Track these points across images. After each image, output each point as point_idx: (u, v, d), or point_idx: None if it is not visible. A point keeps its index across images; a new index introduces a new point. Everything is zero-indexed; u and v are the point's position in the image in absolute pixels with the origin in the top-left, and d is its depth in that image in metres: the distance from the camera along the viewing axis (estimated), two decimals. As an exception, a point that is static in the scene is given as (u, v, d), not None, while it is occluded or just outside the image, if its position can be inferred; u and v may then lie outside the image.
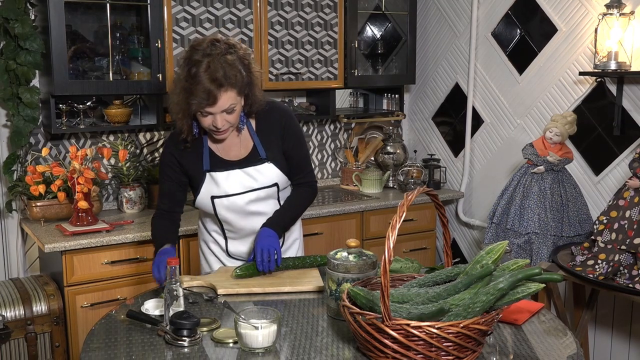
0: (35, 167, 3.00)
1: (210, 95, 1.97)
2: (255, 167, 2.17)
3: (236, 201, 2.18)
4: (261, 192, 2.19)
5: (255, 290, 2.05)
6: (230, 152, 2.19)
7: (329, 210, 3.43)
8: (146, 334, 1.75)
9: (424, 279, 1.70)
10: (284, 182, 2.22)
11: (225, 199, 2.17)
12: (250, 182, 2.17)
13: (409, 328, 1.44)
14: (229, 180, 2.16)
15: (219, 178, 2.16)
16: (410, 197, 1.49)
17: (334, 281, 1.80)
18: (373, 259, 1.81)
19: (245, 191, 2.17)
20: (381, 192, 3.81)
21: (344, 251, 1.83)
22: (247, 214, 2.21)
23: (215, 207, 2.19)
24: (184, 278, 2.12)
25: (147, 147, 3.53)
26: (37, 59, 2.99)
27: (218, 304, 1.96)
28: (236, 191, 2.17)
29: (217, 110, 2.02)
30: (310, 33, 3.55)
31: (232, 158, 2.18)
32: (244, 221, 2.22)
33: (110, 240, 2.91)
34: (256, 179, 2.17)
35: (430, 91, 4.10)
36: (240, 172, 2.16)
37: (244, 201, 2.18)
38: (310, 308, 1.93)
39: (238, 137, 2.18)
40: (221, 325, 1.80)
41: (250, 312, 1.66)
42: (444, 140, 4.06)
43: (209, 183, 2.17)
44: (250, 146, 2.19)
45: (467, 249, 3.98)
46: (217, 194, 2.17)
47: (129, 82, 3.18)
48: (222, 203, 2.18)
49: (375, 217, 3.58)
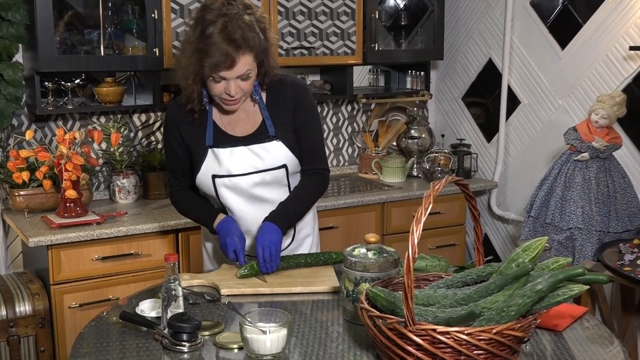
0: (18, 152, 3.02)
1: (228, 58, 1.99)
2: (262, 145, 2.18)
3: (239, 182, 2.18)
4: (267, 175, 2.19)
5: (263, 290, 2.05)
6: (237, 127, 2.20)
7: (345, 201, 3.43)
8: (141, 338, 1.75)
9: (452, 279, 1.70)
10: (294, 165, 2.22)
11: (227, 179, 2.18)
12: (256, 162, 2.18)
13: (435, 334, 1.44)
14: (233, 158, 2.17)
15: (222, 155, 2.17)
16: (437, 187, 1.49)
17: (351, 281, 1.81)
18: (395, 257, 1.81)
19: (250, 172, 2.18)
20: (404, 182, 3.81)
21: (362, 247, 1.83)
22: (252, 199, 2.21)
23: (217, 187, 2.20)
24: (184, 276, 2.13)
25: (142, 130, 3.55)
26: (20, 32, 3.00)
27: (221, 305, 1.97)
28: (240, 171, 2.18)
29: (232, 76, 2.04)
30: (325, 2, 3.54)
31: (238, 134, 2.19)
32: (248, 207, 2.22)
33: (101, 234, 2.92)
34: (262, 158, 2.18)
35: (460, 68, 4.09)
36: (245, 149, 2.18)
37: (248, 183, 2.18)
38: (324, 311, 1.93)
39: (246, 111, 2.19)
40: (225, 328, 1.80)
41: (257, 315, 1.67)
42: (475, 124, 4.05)
43: (210, 160, 2.18)
44: (259, 122, 2.20)
45: (501, 245, 3.98)
46: (218, 173, 2.18)
47: (122, 58, 3.18)
48: (223, 183, 2.19)
49: (398, 210, 3.57)
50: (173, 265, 1.74)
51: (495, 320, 1.49)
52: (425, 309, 1.56)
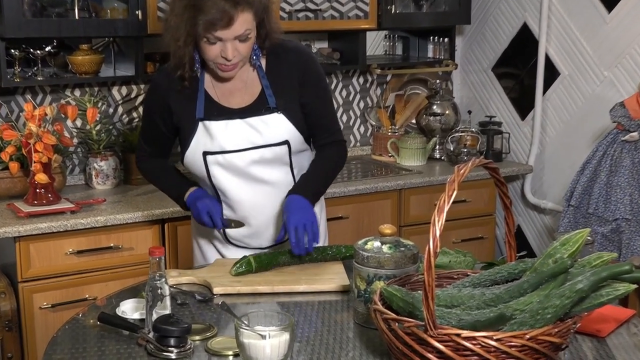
0: (-19, 130, 3.03)
1: (225, 15, 2.01)
2: (261, 118, 2.19)
3: (234, 160, 2.19)
4: (267, 152, 2.20)
5: (262, 289, 2.06)
6: (232, 97, 2.21)
7: (356, 187, 3.43)
8: (123, 343, 1.76)
9: (479, 276, 1.70)
10: (297, 143, 2.24)
11: (221, 156, 2.19)
12: (254, 137, 2.19)
13: (459, 339, 1.44)
14: (227, 132, 2.18)
15: (215, 129, 2.19)
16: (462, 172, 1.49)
17: (363, 279, 1.81)
18: (413, 251, 1.81)
19: (247, 148, 2.19)
20: (425, 165, 3.81)
21: (376, 240, 1.83)
22: (249, 180, 2.22)
23: (208, 166, 2.21)
24: (171, 273, 2.13)
25: (123, 104, 3.55)
26: (-18, -9, 2.99)
27: (214, 306, 1.98)
28: (235, 147, 2.19)
29: (229, 36, 2.05)
30: (334, -43, 3.54)
31: (233, 105, 2.21)
32: (245, 189, 2.23)
33: (76, 224, 2.94)
34: (261, 132, 2.19)
35: (490, 34, 4.07)
36: (241, 122, 2.19)
37: (245, 161, 2.20)
38: (332, 313, 1.93)
39: (243, 80, 2.21)
40: (218, 332, 1.81)
41: (256, 317, 1.67)
42: (507, 98, 4.04)
43: (201, 135, 2.20)
44: (257, 91, 2.21)
45: (536, 239, 3.98)
46: (210, 150, 2.19)
47: (99, 22, 3.18)
48: (216, 161, 2.20)
49: (417, 197, 3.57)
50: (159, 261, 1.75)
51: (528, 324, 1.49)
52: (448, 311, 1.57)
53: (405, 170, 3.72)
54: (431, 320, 1.44)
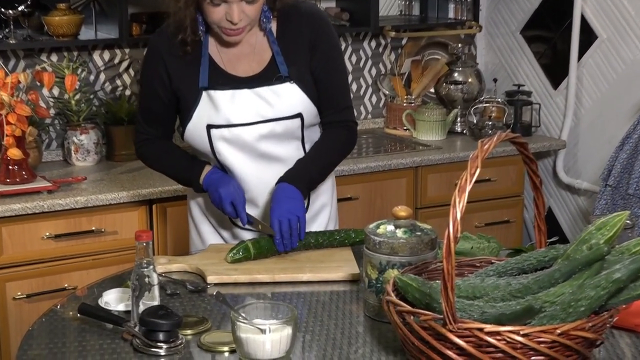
0: (-53, 100, 3.02)
1: None
2: (272, 88, 2.20)
3: (242, 135, 2.21)
4: (278, 125, 2.21)
5: (261, 278, 2.06)
6: (239, 64, 2.22)
7: (367, 165, 3.43)
8: (106, 338, 1.76)
9: (505, 264, 1.70)
10: (311, 115, 2.25)
11: (227, 130, 2.20)
12: (264, 109, 2.20)
13: (482, 334, 1.44)
14: (234, 104, 2.19)
15: (220, 99, 2.19)
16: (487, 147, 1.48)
17: (375, 267, 1.81)
18: (431, 236, 1.81)
19: (256, 121, 2.20)
20: (444, 140, 3.81)
21: (390, 224, 1.83)
22: (258, 157, 2.24)
23: (213, 141, 2.22)
24: (160, 260, 2.13)
25: (105, 71, 3.55)
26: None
27: (208, 296, 1.97)
28: (243, 120, 2.20)
29: None
30: None
31: (241, 74, 2.22)
32: (253, 167, 2.24)
33: (53, 205, 2.95)
34: (272, 104, 2.20)
35: (518, -9, 4.07)
36: (250, 92, 2.20)
37: (254, 136, 2.21)
38: (339, 305, 1.93)
39: (251, 45, 2.21)
40: (212, 326, 1.81)
41: (254, 309, 1.66)
42: (538, 65, 4.03)
43: (205, 106, 2.21)
44: (267, 58, 2.22)
45: (569, 222, 3.98)
46: (215, 123, 2.20)
47: (78, -23, 3.19)
48: (222, 136, 2.21)
49: (435, 176, 3.58)
50: (146, 246, 1.75)
51: (559, 318, 1.49)
52: (469, 303, 1.57)
53: (422, 145, 3.72)
54: (450, 313, 1.44)
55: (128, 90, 3.59)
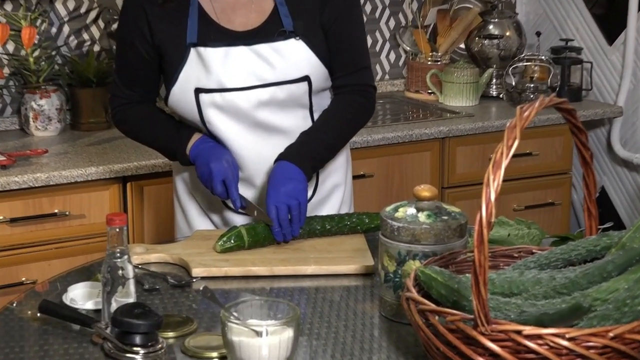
0: None
1: None
2: (273, 45, 2.19)
3: (237, 101, 2.20)
4: (281, 90, 2.21)
5: (257, 271, 2.06)
6: (235, 16, 2.22)
7: (384, 135, 3.44)
8: (72, 341, 1.74)
9: (548, 255, 1.70)
10: (320, 78, 2.24)
11: (219, 95, 2.20)
12: (263, 70, 2.19)
13: (520, 338, 1.42)
14: (228, 64, 2.19)
15: (211, 58, 2.19)
16: (527, 115, 1.48)
17: (393, 257, 1.80)
18: (460, 221, 1.79)
19: (254, 85, 2.20)
20: (476, 106, 3.82)
21: (411, 206, 1.81)
22: (256, 129, 2.24)
23: (202, 108, 2.21)
24: (136, 249, 2.13)
25: (69, 23, 3.54)
26: None
27: (193, 292, 1.97)
28: (239, 84, 2.19)
29: None
30: None
31: (237, 27, 2.21)
32: (250, 140, 2.24)
33: (8, 183, 2.95)
34: (273, 64, 2.19)
35: None
36: (247, 50, 2.19)
37: (251, 103, 2.20)
38: (350, 303, 1.92)
39: None
40: (198, 328, 1.80)
41: (249, 308, 1.65)
42: (590, 16, 4.01)
43: (193, 66, 2.20)
44: (269, 9, 2.22)
45: (626, 205, 3.98)
46: (205, 86, 2.20)
47: None
48: (213, 102, 2.20)
49: (466, 149, 3.59)
50: (119, 232, 1.75)
51: (613, 319, 1.47)
52: (505, 300, 1.55)
53: (450, 112, 3.72)
54: (483, 312, 1.43)
55: (97, 46, 3.58)
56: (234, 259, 2.10)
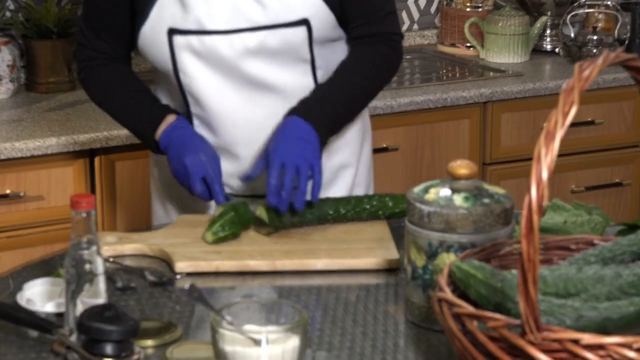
0: None
1: None
2: None
3: (219, 47, 2.22)
4: (273, 36, 2.22)
5: (255, 265, 2.07)
6: None
7: (412, 99, 3.45)
8: (29, 351, 1.75)
9: (613, 247, 1.69)
10: (324, 25, 2.26)
11: (196, 38, 2.22)
12: (252, 9, 2.21)
13: (577, 348, 1.40)
14: (209, 0, 2.21)
15: None
16: (588, 74, 1.47)
17: (422, 249, 1.80)
18: (504, 204, 1.79)
19: (240, 28, 2.21)
20: (527, 63, 3.85)
21: (444, 186, 1.81)
22: (243, 84, 2.25)
23: (175, 54, 2.24)
24: (107, 238, 2.15)
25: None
26: None
27: (177, 291, 1.99)
28: (220, 25, 2.21)
29: None
30: None
31: None
32: (234, 100, 2.26)
33: (-52, 158, 2.98)
34: (264, 3, 2.21)
35: None
36: None
37: (236, 50, 2.22)
38: (370, 304, 1.93)
39: None
40: (183, 335, 1.80)
41: (245, 311, 1.66)
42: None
43: (167, 2, 2.22)
44: None
45: None
46: (180, 27, 2.22)
47: None
48: (189, 46, 2.22)
49: (513, 117, 3.61)
50: (86, 217, 1.75)
51: (695, 326, 1.48)
52: (560, 302, 1.54)
53: (493, 70, 3.74)
54: (532, 317, 1.43)
55: (59, -12, 3.59)
56: (227, 250, 2.11)
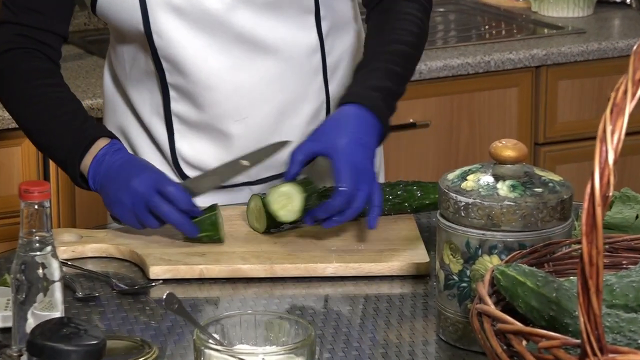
0: None
1: None
2: None
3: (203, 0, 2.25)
4: None
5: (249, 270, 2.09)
6: None
7: (446, 63, 3.49)
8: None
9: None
10: None
11: None
12: None
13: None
14: None
15: None
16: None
17: (457, 250, 1.82)
18: (562, 195, 1.80)
19: None
20: (590, 17, 3.88)
21: (486, 172, 1.83)
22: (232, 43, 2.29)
23: (149, 13, 2.25)
24: (65, 236, 2.20)
25: None
26: None
27: (152, 303, 2.02)
28: None
29: None
30: None
31: None
32: (222, 65, 2.29)
33: None
34: None
35: None
36: None
37: (224, 1, 2.25)
38: (393, 319, 1.95)
39: None
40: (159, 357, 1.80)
41: (237, 327, 1.68)
42: None
43: None
44: None
45: None
46: None
47: None
48: (166, 2, 2.24)
49: (573, 85, 3.64)
50: (39, 210, 1.77)
51: None
52: (630, 317, 1.55)
53: (549, 27, 3.76)
54: (595, 335, 1.40)
55: None
56: (214, 252, 2.14)
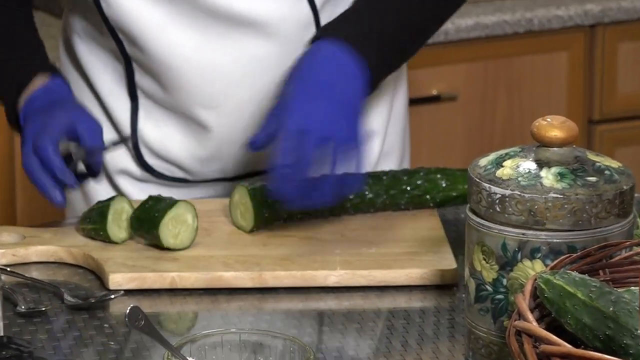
0: None
1: None
2: None
3: None
4: None
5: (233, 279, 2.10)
6: None
7: (477, 20, 3.65)
8: None
9: None
10: None
11: None
12: None
13: None
14: None
15: None
16: None
17: (491, 254, 1.77)
18: (621, 185, 1.76)
19: None
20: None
21: (527, 156, 1.78)
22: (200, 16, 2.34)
23: None
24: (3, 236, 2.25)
25: None
26: None
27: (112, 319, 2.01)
28: None
29: None
30: None
31: None
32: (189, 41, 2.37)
33: None
34: None
35: None
36: None
37: None
38: (412, 339, 1.95)
39: None
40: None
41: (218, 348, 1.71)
42: None
43: None
44: None
45: None
46: None
47: None
48: None
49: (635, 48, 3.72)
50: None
51: None
52: None
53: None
54: None
55: None
56: (189, 256, 2.16)
